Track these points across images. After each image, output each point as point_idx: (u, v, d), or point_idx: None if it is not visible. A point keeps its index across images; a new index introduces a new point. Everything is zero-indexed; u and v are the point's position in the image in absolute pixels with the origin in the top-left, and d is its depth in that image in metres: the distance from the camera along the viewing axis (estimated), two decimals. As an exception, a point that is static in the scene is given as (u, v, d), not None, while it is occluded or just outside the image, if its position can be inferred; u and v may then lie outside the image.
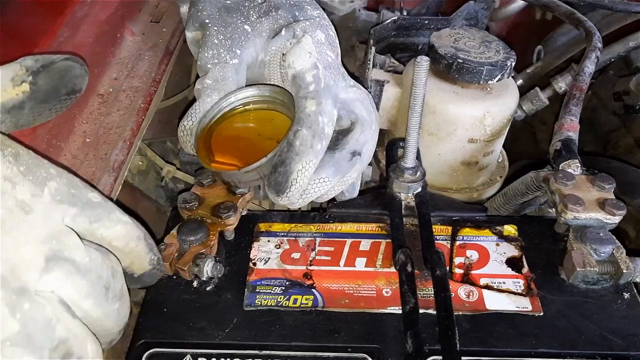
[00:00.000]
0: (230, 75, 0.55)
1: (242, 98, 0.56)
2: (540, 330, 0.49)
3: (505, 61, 0.64)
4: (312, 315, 0.50)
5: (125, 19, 0.64)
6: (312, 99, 0.51)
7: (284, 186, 0.49)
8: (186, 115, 0.54)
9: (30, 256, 0.36)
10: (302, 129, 0.49)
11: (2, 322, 0.33)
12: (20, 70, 0.41)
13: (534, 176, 0.61)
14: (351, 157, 0.52)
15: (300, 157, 0.48)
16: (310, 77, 0.52)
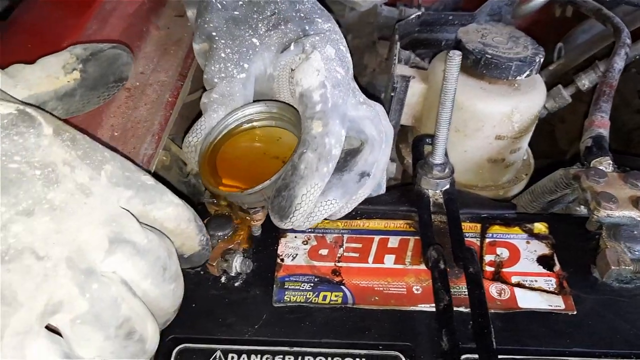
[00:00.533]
0: (238, 90, 0.53)
1: (249, 114, 0.54)
2: (574, 329, 0.48)
3: (534, 57, 0.63)
4: (342, 312, 0.50)
5: (150, 14, 0.64)
6: (318, 119, 0.48)
7: (288, 211, 0.47)
8: (191, 131, 0.53)
9: (94, 238, 0.36)
10: (308, 151, 0.47)
11: (73, 301, 0.35)
12: (71, 58, 0.42)
13: (564, 173, 0.60)
14: (359, 178, 0.50)
15: (305, 181, 0.46)
16: (318, 97, 0.49)
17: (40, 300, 0.34)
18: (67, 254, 0.35)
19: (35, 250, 0.34)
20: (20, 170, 0.35)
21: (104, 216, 0.37)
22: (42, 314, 0.34)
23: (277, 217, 0.48)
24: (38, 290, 0.34)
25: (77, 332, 0.35)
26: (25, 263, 0.34)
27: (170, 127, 0.57)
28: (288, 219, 0.47)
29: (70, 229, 0.36)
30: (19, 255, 0.34)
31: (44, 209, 0.35)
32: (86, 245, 0.36)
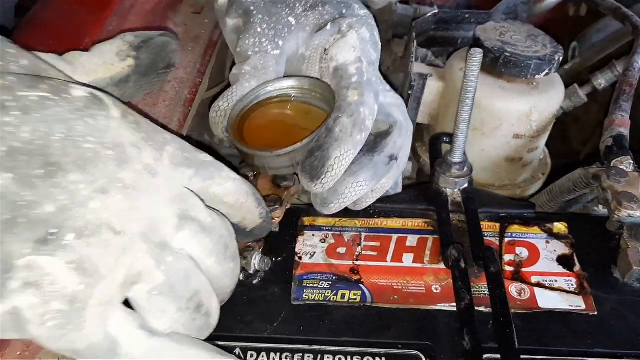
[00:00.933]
0: (271, 65, 0.54)
1: (280, 88, 0.54)
2: (595, 329, 0.48)
3: (553, 55, 0.63)
4: (361, 311, 0.50)
5: (168, 11, 0.64)
6: (354, 89, 0.49)
7: (320, 171, 0.47)
8: (221, 97, 0.53)
9: (164, 215, 0.38)
10: (343, 116, 0.48)
11: (150, 273, 0.36)
12: (124, 45, 0.44)
13: (583, 173, 0.60)
14: (389, 160, 0.51)
15: (340, 144, 0.47)
16: (354, 70, 0.51)
17: (120, 272, 0.35)
18: (141, 229, 0.37)
19: (112, 226, 0.35)
20: (95, 150, 0.36)
21: (171, 195, 0.39)
22: (123, 285, 0.36)
23: (308, 177, 0.47)
24: (117, 263, 0.35)
25: (154, 303, 0.37)
26: (103, 238, 0.35)
27: (188, 124, 0.56)
28: (319, 180, 0.47)
29: (142, 206, 0.37)
30: (98, 230, 0.35)
31: (117, 187, 0.36)
32: (158, 221, 0.38)
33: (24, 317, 0.33)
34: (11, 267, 0.32)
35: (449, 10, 0.82)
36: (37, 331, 0.33)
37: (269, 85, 0.54)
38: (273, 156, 0.48)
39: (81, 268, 0.34)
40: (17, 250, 0.32)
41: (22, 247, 0.33)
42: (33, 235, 0.33)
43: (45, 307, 0.33)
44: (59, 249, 0.33)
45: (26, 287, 0.33)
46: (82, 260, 0.34)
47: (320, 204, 0.50)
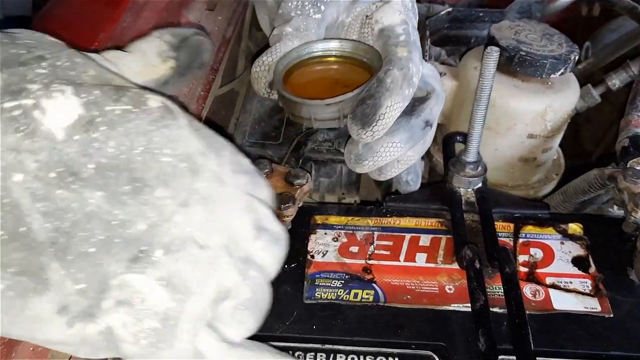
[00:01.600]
0: (313, 27, 0.54)
1: (323, 48, 0.55)
2: (611, 332, 0.47)
3: (568, 55, 0.62)
4: (374, 311, 0.49)
5: (182, 7, 0.64)
6: (403, 46, 0.50)
7: (371, 119, 0.47)
8: (265, 53, 0.53)
9: (242, 226, 0.37)
10: (394, 69, 0.48)
11: (237, 288, 0.36)
12: (164, 45, 0.43)
13: (598, 174, 0.59)
14: (424, 125, 0.51)
15: (391, 94, 0.47)
16: (401, 30, 0.52)
17: (210, 288, 0.35)
18: (223, 242, 0.36)
19: (196, 240, 0.35)
20: (172, 163, 0.35)
21: (241, 204, 0.38)
22: (214, 301, 0.35)
23: (359, 124, 0.47)
24: (207, 278, 0.35)
25: (237, 317, 0.37)
26: (190, 252, 0.34)
27: (202, 120, 0.56)
28: (370, 128, 0.47)
29: (219, 217, 0.36)
30: (184, 245, 0.34)
31: (195, 199, 0.35)
32: (237, 232, 0.37)
33: (117, 336, 0.33)
34: (107, 287, 0.32)
35: (462, 8, 0.82)
36: (130, 350, 0.33)
37: (312, 44, 0.54)
38: (323, 105, 0.49)
39: (171, 284, 0.33)
40: (113, 270, 0.32)
41: (117, 267, 0.32)
42: (127, 255, 0.32)
43: (139, 326, 0.33)
44: (148, 266, 0.33)
45: (119, 305, 0.32)
46: (171, 277, 0.33)
47: (354, 161, 0.50)
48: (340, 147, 0.65)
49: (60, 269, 0.31)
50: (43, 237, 0.31)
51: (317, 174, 0.66)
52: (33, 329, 0.32)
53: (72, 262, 0.31)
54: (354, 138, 0.49)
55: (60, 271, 0.31)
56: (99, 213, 0.32)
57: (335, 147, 0.65)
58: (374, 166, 0.50)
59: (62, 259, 0.31)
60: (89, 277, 0.32)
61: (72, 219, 0.32)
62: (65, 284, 0.31)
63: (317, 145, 0.64)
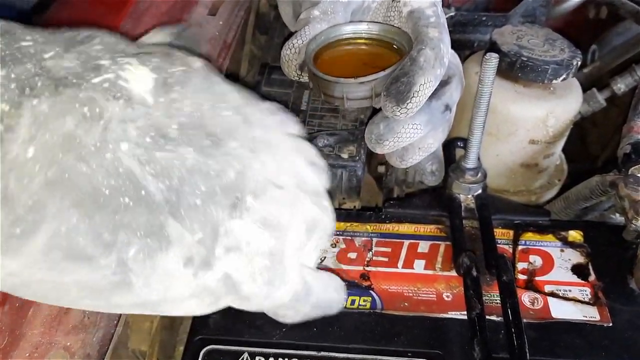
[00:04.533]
0: (340, 10, 0.55)
1: (352, 31, 0.56)
2: (610, 341, 0.47)
3: (570, 60, 0.62)
4: (370, 318, 0.49)
5: (183, 12, 0.64)
6: (434, 27, 0.51)
7: (406, 95, 0.47)
8: (294, 36, 0.54)
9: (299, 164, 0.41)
10: (426, 48, 0.49)
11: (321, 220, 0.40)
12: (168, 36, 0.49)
13: (600, 180, 0.59)
14: (444, 109, 0.51)
15: (424, 72, 0.47)
16: (431, 12, 0.52)
17: (299, 222, 0.39)
18: (294, 181, 0.39)
19: (274, 182, 0.37)
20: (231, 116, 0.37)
21: (291, 145, 0.41)
22: (306, 232, 0.39)
23: (394, 101, 0.47)
24: (294, 215, 0.38)
25: (320, 245, 0.41)
26: (272, 194, 0.37)
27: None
28: (404, 105, 0.47)
29: (281, 159, 0.39)
30: (265, 188, 0.37)
31: (259, 146, 0.38)
32: (299, 171, 0.40)
33: (235, 280, 0.36)
34: (217, 235, 0.35)
35: (465, 12, 0.81)
36: (250, 289, 0.37)
37: (341, 27, 0.55)
38: (356, 83, 0.49)
39: (267, 224, 0.36)
40: (220, 218, 0.35)
41: (222, 214, 0.35)
42: (227, 202, 0.35)
43: (251, 266, 0.36)
44: (244, 211, 0.36)
45: (229, 251, 0.35)
46: (265, 218, 0.36)
47: (375, 140, 0.51)
48: (341, 152, 0.65)
49: (177, 224, 0.33)
50: (160, 197, 0.33)
51: (318, 178, 0.66)
52: (166, 287, 0.34)
53: (186, 215, 0.34)
54: (388, 115, 0.49)
55: (177, 226, 0.33)
56: (197, 166, 0.34)
57: (335, 152, 0.65)
58: (394, 147, 0.51)
59: (177, 215, 0.33)
60: (202, 227, 0.34)
61: (178, 176, 0.33)
62: (184, 236, 0.34)
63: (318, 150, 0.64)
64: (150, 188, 0.33)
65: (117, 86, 0.33)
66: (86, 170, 0.31)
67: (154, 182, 0.33)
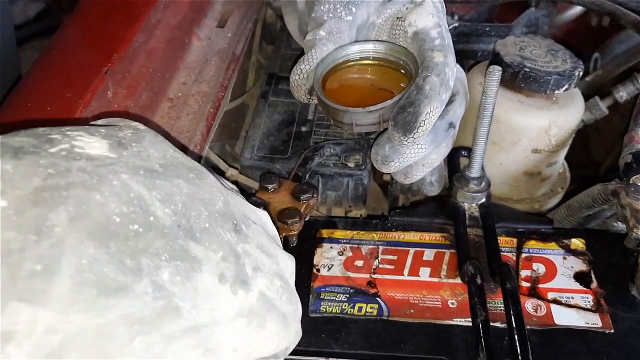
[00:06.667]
0: (345, 30, 0.56)
1: (357, 51, 0.56)
2: (612, 347, 0.48)
3: (572, 71, 0.63)
4: (377, 324, 0.50)
5: (192, 25, 0.65)
6: (439, 51, 0.51)
7: (413, 126, 0.48)
8: (302, 60, 0.55)
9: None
10: (432, 75, 0.49)
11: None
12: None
13: (602, 189, 0.60)
14: (448, 127, 0.52)
15: (430, 101, 0.48)
16: (435, 34, 0.53)
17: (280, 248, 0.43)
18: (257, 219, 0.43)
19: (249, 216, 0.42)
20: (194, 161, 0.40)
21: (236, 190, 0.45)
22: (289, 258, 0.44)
23: (401, 131, 0.49)
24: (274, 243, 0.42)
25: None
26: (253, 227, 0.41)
27: (211, 137, 0.58)
28: (411, 134, 0.48)
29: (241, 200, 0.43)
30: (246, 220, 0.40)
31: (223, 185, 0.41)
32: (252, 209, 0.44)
33: (269, 298, 0.38)
34: (237, 255, 0.36)
35: (469, 23, 0.82)
36: (284, 308, 0.39)
37: (348, 47, 0.56)
38: (365, 112, 0.50)
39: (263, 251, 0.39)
40: (231, 240, 0.36)
41: (230, 237, 0.37)
42: (229, 226, 0.37)
43: (275, 285, 0.38)
44: (247, 237, 0.38)
45: (256, 270, 0.37)
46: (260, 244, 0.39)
47: (381, 162, 0.52)
48: (347, 161, 0.66)
49: (198, 246, 0.34)
50: (169, 222, 0.33)
51: (324, 187, 0.67)
52: (211, 306, 0.34)
53: (202, 238, 0.35)
54: (396, 143, 0.50)
55: (199, 247, 0.34)
56: (192, 194, 0.36)
57: (342, 162, 0.66)
58: (399, 166, 0.52)
59: (193, 238, 0.34)
60: (220, 246, 0.35)
61: (181, 201, 0.35)
62: (209, 256, 0.35)
63: (324, 160, 0.66)
64: (159, 213, 0.33)
65: (74, 152, 0.33)
66: (100, 198, 0.31)
67: (161, 207, 0.33)
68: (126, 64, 0.53)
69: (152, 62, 0.57)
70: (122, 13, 0.56)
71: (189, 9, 0.64)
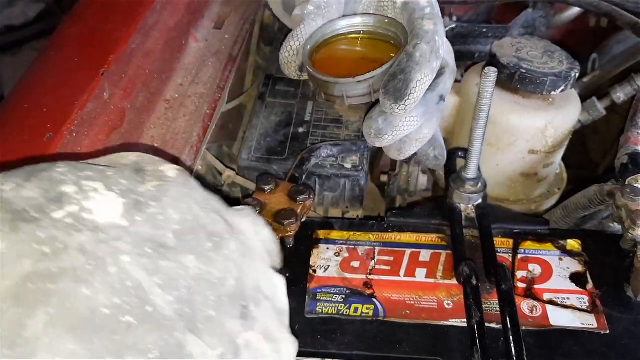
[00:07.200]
0: (334, 4, 0.56)
1: (345, 26, 0.56)
2: (607, 348, 0.48)
3: (569, 72, 0.63)
4: (373, 325, 0.50)
5: (190, 26, 0.66)
6: (429, 19, 0.51)
7: (404, 92, 0.48)
8: (290, 36, 0.55)
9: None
10: (422, 43, 0.49)
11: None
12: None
13: (598, 190, 0.60)
14: (439, 100, 0.52)
15: (420, 68, 0.48)
16: (425, 2, 0.53)
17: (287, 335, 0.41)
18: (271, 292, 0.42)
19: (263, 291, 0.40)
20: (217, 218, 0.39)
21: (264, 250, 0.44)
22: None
23: (392, 99, 0.48)
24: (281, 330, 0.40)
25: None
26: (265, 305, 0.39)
27: (207, 138, 0.58)
28: (403, 101, 0.48)
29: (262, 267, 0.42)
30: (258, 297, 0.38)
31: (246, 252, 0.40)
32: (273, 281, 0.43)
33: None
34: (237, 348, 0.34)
35: (466, 24, 0.83)
36: None
37: (336, 22, 0.56)
38: (354, 82, 0.50)
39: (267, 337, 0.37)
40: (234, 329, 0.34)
41: (235, 325, 0.34)
42: (236, 312, 0.35)
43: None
44: (253, 322, 0.36)
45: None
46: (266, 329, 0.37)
47: (375, 135, 0.52)
48: (344, 162, 0.67)
49: (197, 341, 0.31)
50: (170, 311, 0.31)
51: (321, 188, 0.68)
52: None
53: (204, 330, 0.32)
54: (387, 112, 0.50)
55: (198, 343, 0.31)
56: (200, 274, 0.33)
57: (339, 162, 0.66)
58: (392, 140, 0.52)
59: (194, 330, 0.32)
60: (221, 340, 0.33)
61: (185, 285, 0.32)
62: (206, 353, 0.32)
63: (321, 161, 0.66)
64: (158, 301, 0.31)
65: (80, 219, 0.32)
66: (88, 292, 0.29)
67: (162, 295, 0.31)
68: (123, 65, 0.53)
69: (149, 63, 0.57)
70: (119, 14, 0.57)
71: (186, 10, 0.65)
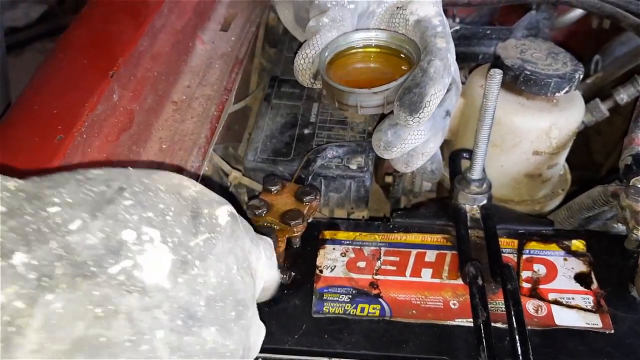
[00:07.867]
0: (348, 17, 0.57)
1: (360, 39, 0.57)
2: (612, 348, 0.49)
3: (573, 73, 0.64)
4: (380, 325, 0.51)
5: (196, 29, 0.66)
6: (441, 37, 0.53)
7: (419, 106, 0.49)
8: (307, 45, 0.56)
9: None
10: (436, 59, 0.51)
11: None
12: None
13: (602, 190, 0.60)
14: (445, 114, 0.54)
15: (434, 83, 0.49)
16: (437, 21, 0.54)
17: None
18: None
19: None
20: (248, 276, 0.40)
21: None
22: None
23: (407, 111, 0.49)
24: None
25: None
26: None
27: (215, 139, 0.58)
28: (418, 114, 0.49)
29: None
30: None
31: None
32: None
33: None
34: None
35: (470, 26, 0.83)
36: None
37: (351, 35, 0.57)
38: (370, 93, 0.51)
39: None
40: None
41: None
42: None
43: None
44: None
45: None
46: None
47: (384, 147, 0.53)
48: (349, 163, 0.67)
49: None
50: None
51: (327, 189, 0.68)
52: None
53: None
54: (401, 123, 0.51)
55: None
56: (215, 348, 0.34)
57: (344, 164, 0.67)
58: (401, 152, 0.53)
59: None
60: None
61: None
62: None
63: (327, 162, 0.66)
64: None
65: (131, 278, 0.32)
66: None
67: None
68: (131, 68, 0.54)
69: (157, 65, 0.58)
70: (127, 17, 0.57)
71: (193, 13, 0.65)
